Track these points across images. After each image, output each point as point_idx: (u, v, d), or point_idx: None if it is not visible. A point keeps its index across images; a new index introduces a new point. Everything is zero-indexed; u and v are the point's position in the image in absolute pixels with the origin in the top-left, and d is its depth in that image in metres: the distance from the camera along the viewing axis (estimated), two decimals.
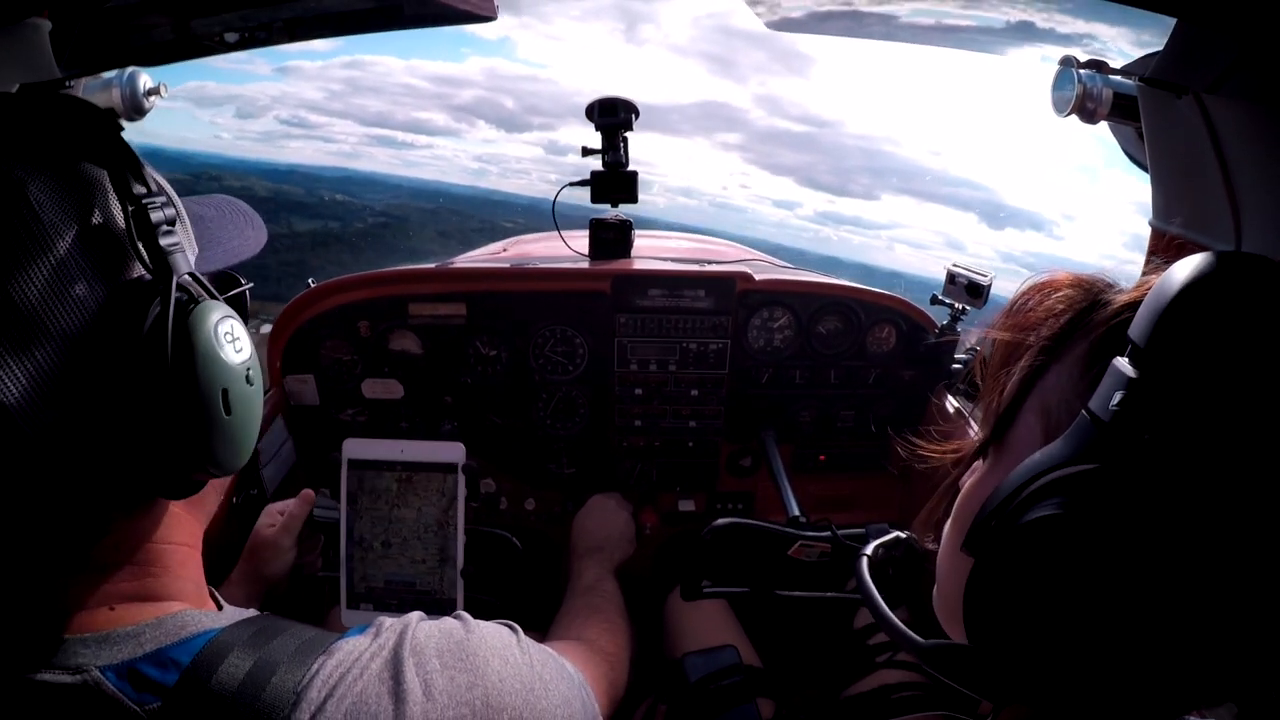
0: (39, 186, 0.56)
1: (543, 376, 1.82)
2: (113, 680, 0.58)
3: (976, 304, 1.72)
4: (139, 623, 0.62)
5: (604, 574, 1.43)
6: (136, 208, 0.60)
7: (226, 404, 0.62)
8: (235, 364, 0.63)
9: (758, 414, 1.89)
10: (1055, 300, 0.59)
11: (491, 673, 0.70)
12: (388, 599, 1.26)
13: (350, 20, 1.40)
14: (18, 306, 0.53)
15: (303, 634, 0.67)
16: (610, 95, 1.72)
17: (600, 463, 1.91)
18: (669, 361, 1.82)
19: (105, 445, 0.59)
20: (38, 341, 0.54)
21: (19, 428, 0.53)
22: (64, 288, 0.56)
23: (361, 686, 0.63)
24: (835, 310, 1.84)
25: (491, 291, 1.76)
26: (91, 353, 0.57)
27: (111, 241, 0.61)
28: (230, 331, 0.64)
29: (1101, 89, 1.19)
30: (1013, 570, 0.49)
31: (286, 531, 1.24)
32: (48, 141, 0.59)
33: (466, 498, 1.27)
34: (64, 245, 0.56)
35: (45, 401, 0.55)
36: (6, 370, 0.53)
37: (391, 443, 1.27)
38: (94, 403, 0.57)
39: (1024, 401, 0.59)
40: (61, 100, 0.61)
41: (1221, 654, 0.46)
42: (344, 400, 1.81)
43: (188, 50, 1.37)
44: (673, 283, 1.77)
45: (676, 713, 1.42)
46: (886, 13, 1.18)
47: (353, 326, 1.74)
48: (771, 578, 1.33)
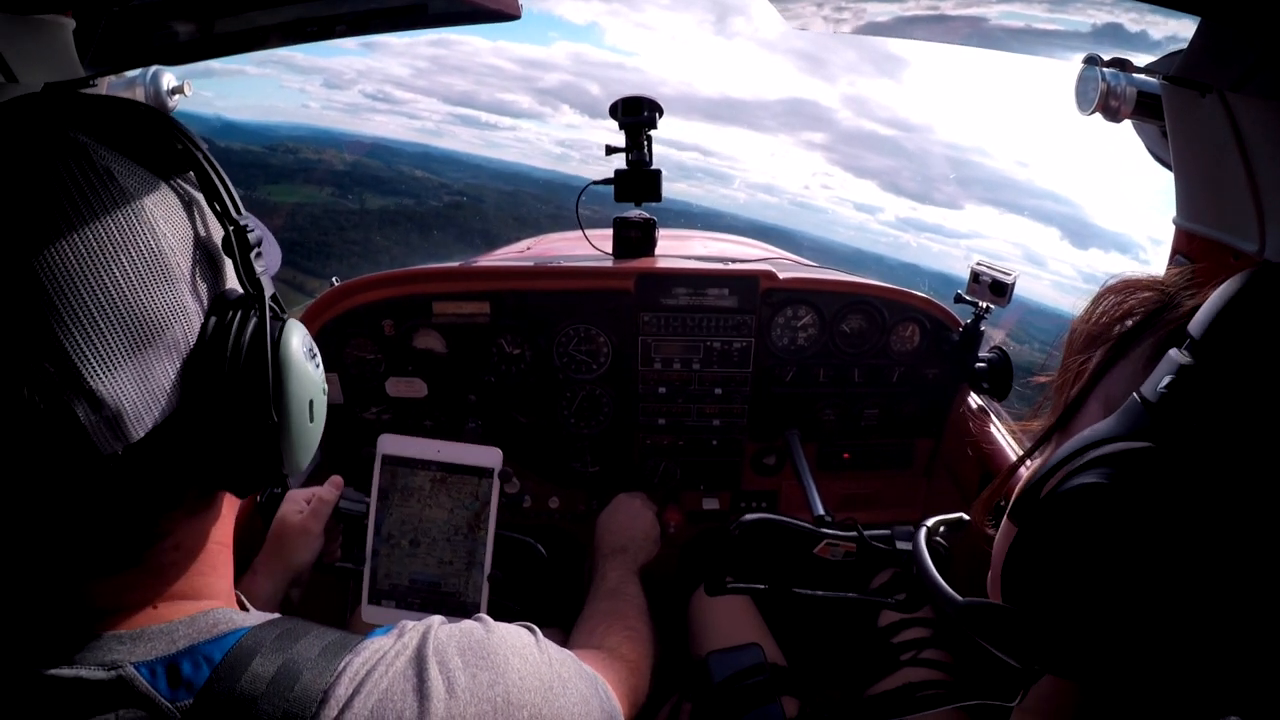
0: (153, 200, 0.59)
1: (567, 375, 1.83)
2: (145, 676, 0.59)
3: (1000, 302, 1.71)
4: (173, 620, 0.63)
5: (627, 576, 1.43)
6: (237, 229, 0.64)
7: (312, 413, 0.69)
8: (318, 377, 0.71)
9: (782, 412, 1.89)
10: (1134, 301, 0.63)
11: (512, 671, 0.71)
12: (411, 598, 1.26)
13: (374, 20, 1.40)
14: (137, 314, 0.56)
15: (328, 635, 0.68)
16: (634, 94, 1.72)
17: (624, 461, 1.92)
18: (693, 360, 1.82)
19: (198, 449, 0.62)
20: (151, 348, 0.57)
21: (126, 429, 0.56)
22: (177, 300, 0.59)
23: (387, 683, 0.64)
24: (859, 309, 1.83)
25: (516, 290, 1.77)
26: (196, 363, 0.61)
27: (214, 258, 0.65)
28: (312, 348, 0.70)
29: (1125, 87, 1.18)
30: (1052, 534, 0.51)
31: (316, 517, 1.25)
32: (154, 154, 0.62)
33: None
34: (178, 260, 0.60)
35: (152, 405, 0.58)
36: (121, 372, 0.55)
37: (428, 442, 1.27)
38: (195, 409, 0.61)
39: (1091, 391, 0.62)
40: (152, 112, 0.64)
41: (1244, 640, 0.49)
42: (368, 399, 1.82)
43: (211, 50, 1.38)
44: (696, 281, 1.76)
45: (701, 711, 1.43)
46: (974, 15, 1.16)
47: (377, 325, 1.76)
48: (796, 576, 1.33)
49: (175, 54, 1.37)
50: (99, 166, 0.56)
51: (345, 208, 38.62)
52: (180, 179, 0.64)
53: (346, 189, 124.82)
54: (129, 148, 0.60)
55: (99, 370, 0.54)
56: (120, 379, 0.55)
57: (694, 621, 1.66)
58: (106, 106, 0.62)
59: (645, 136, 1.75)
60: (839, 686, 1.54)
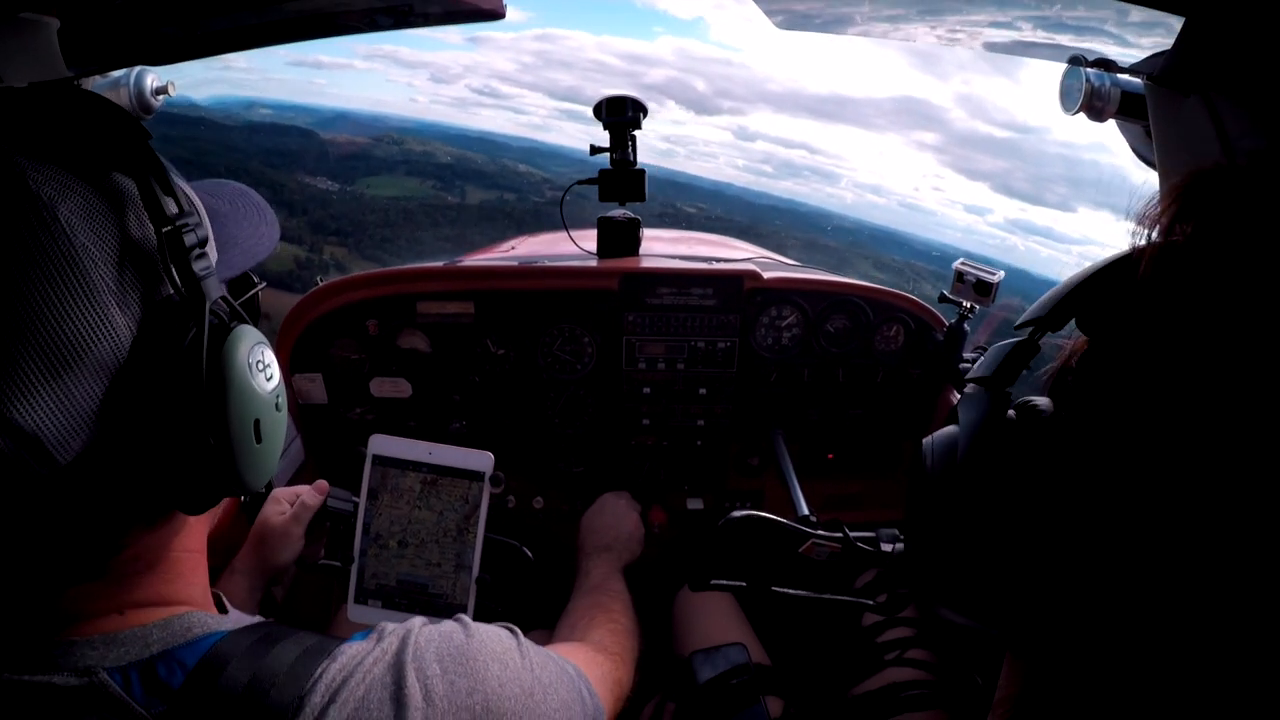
0: (70, 207, 0.54)
1: (551, 375, 1.83)
2: (118, 682, 0.58)
3: (985, 302, 1.72)
4: (145, 624, 0.63)
5: (611, 572, 1.43)
6: (171, 229, 0.59)
7: (258, 433, 0.63)
8: (266, 392, 0.64)
9: (766, 413, 1.89)
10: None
11: (491, 678, 0.70)
12: (398, 598, 1.26)
13: (357, 19, 1.39)
14: (51, 333, 0.52)
15: (305, 640, 0.67)
16: (618, 93, 1.72)
17: (609, 461, 1.92)
18: (677, 360, 1.82)
19: (134, 470, 0.58)
20: (71, 368, 0.53)
21: (50, 455, 0.53)
22: (97, 314, 0.55)
23: (364, 691, 0.63)
24: (843, 309, 1.84)
25: (500, 290, 1.76)
26: (125, 381, 0.56)
27: (145, 264, 0.59)
28: (261, 359, 0.64)
29: (1109, 88, 1.19)
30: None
31: (297, 520, 1.24)
32: (77, 152, 0.57)
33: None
34: (97, 270, 0.55)
35: (77, 429, 0.54)
36: (39, 398, 0.52)
37: (420, 444, 1.27)
38: (125, 431, 0.57)
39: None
40: (88, 102, 0.59)
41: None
42: (352, 399, 1.81)
43: (194, 49, 1.37)
44: (681, 281, 1.77)
45: (685, 711, 1.43)
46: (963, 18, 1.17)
47: (361, 325, 1.75)
48: (780, 574, 1.33)
49: (158, 54, 1.36)
50: (6, 171, 0.52)
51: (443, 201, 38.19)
52: (118, 175, 0.59)
53: (449, 182, 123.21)
54: (47, 147, 0.55)
55: (14, 398, 0.50)
56: (39, 406, 0.52)
57: (678, 621, 1.66)
58: (27, 101, 0.57)
59: (630, 136, 1.75)
60: (823, 686, 1.54)
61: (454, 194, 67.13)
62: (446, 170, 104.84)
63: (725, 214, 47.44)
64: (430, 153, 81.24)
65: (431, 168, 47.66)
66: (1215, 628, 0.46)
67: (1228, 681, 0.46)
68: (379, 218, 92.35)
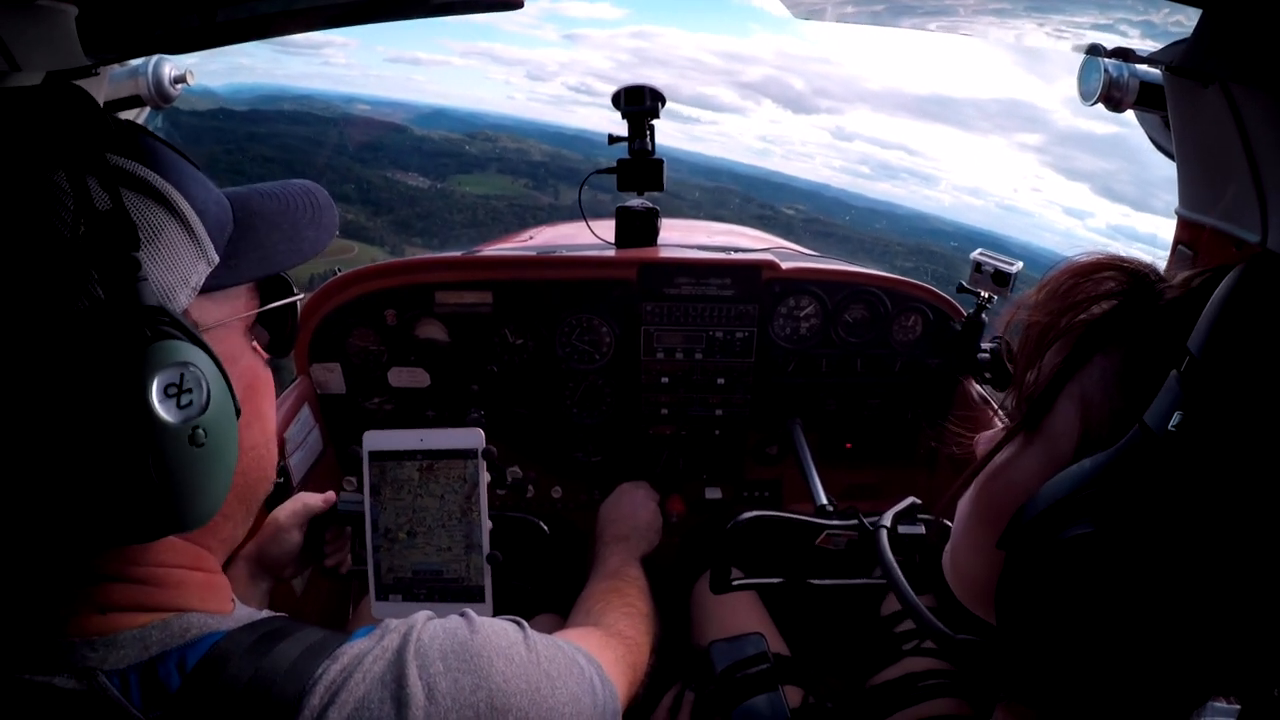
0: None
1: (569, 365, 1.83)
2: (117, 686, 0.58)
3: (1003, 292, 1.71)
4: (145, 625, 0.62)
5: (628, 560, 1.43)
6: (94, 230, 0.52)
7: (161, 467, 0.55)
8: (174, 423, 0.55)
9: (784, 402, 1.89)
10: (1101, 286, 0.58)
11: (496, 674, 0.69)
12: (416, 589, 1.27)
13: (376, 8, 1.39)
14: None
15: (309, 637, 0.66)
16: (637, 83, 1.71)
17: (627, 451, 1.92)
18: (695, 350, 1.82)
19: (39, 496, 0.55)
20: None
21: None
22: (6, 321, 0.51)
23: (364, 691, 0.62)
24: (861, 299, 1.83)
25: (518, 280, 1.76)
26: (30, 397, 0.52)
27: (61, 267, 0.53)
28: (178, 383, 0.55)
29: (1128, 78, 1.19)
30: (1048, 579, 0.49)
31: (294, 516, 1.25)
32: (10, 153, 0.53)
33: (493, 484, 1.27)
34: (10, 269, 0.51)
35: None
36: None
37: (410, 432, 1.27)
38: (20, 454, 0.53)
39: (1062, 388, 0.57)
40: (36, 95, 0.55)
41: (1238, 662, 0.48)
42: (370, 389, 1.82)
43: (214, 38, 1.37)
44: (699, 271, 1.76)
45: (704, 700, 1.43)
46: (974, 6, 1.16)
47: (379, 315, 1.75)
48: (799, 567, 1.34)
49: (177, 43, 1.36)
50: None
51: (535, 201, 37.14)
52: (46, 169, 0.54)
53: (542, 180, 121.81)
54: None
55: None
56: None
57: (696, 610, 1.67)
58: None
59: (648, 125, 1.75)
60: (841, 676, 1.55)
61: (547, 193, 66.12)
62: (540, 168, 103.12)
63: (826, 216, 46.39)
64: (524, 150, 80.00)
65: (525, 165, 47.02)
66: None
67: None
68: (465, 217, 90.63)
